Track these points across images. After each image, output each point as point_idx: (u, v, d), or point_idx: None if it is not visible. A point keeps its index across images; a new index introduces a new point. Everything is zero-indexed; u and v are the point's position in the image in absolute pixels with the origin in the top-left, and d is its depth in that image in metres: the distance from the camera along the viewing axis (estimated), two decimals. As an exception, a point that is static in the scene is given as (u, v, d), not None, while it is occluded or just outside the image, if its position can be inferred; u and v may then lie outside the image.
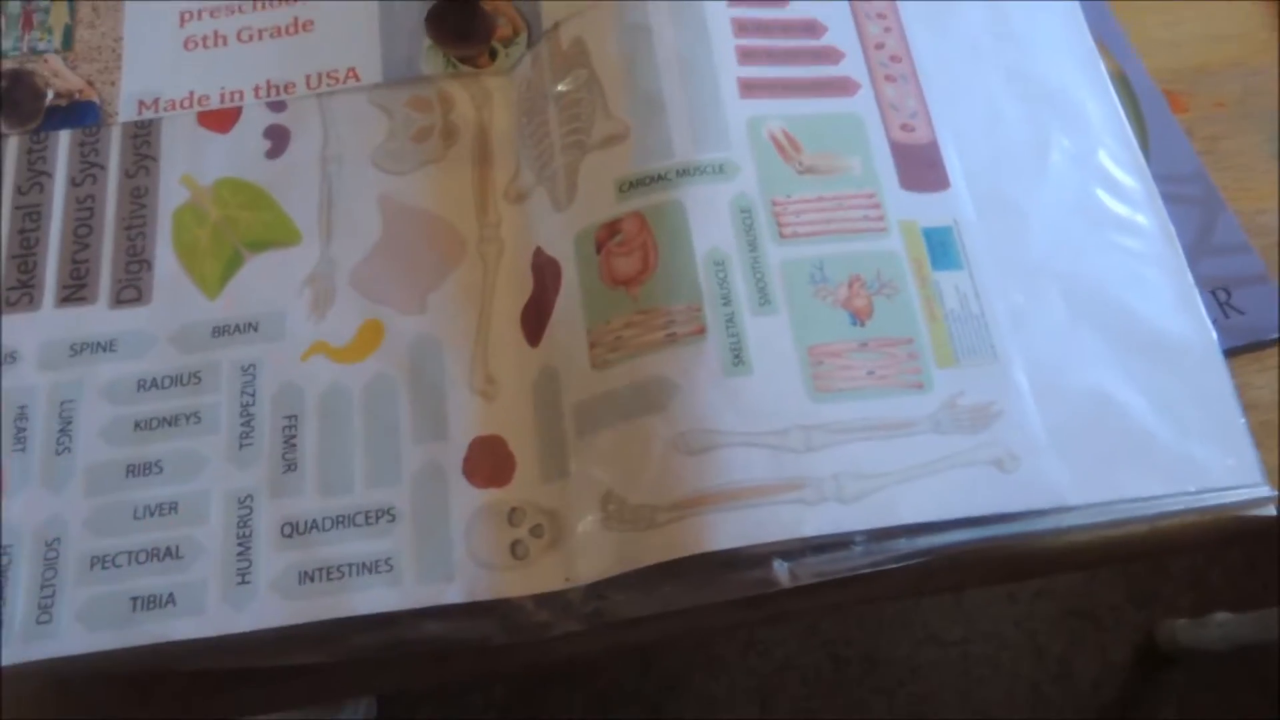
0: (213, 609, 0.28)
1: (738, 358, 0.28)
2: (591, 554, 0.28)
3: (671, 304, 0.29)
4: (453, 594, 0.28)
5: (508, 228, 0.33)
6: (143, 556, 0.29)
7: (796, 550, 0.27)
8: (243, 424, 0.30)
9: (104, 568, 0.29)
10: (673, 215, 0.29)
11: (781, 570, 0.26)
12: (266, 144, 0.34)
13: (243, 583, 0.28)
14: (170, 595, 0.28)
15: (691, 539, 0.26)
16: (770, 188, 0.30)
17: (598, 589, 0.28)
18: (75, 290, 0.32)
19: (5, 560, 0.29)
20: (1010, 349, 0.30)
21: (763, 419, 0.27)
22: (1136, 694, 1.00)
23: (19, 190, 0.33)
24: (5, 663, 0.27)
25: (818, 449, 0.27)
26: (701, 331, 0.28)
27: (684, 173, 0.30)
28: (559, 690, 0.97)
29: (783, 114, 0.31)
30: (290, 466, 0.30)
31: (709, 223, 0.29)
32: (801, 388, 0.28)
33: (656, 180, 0.30)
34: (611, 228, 0.30)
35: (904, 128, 0.32)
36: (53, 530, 0.29)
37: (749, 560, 0.26)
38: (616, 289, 0.29)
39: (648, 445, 0.27)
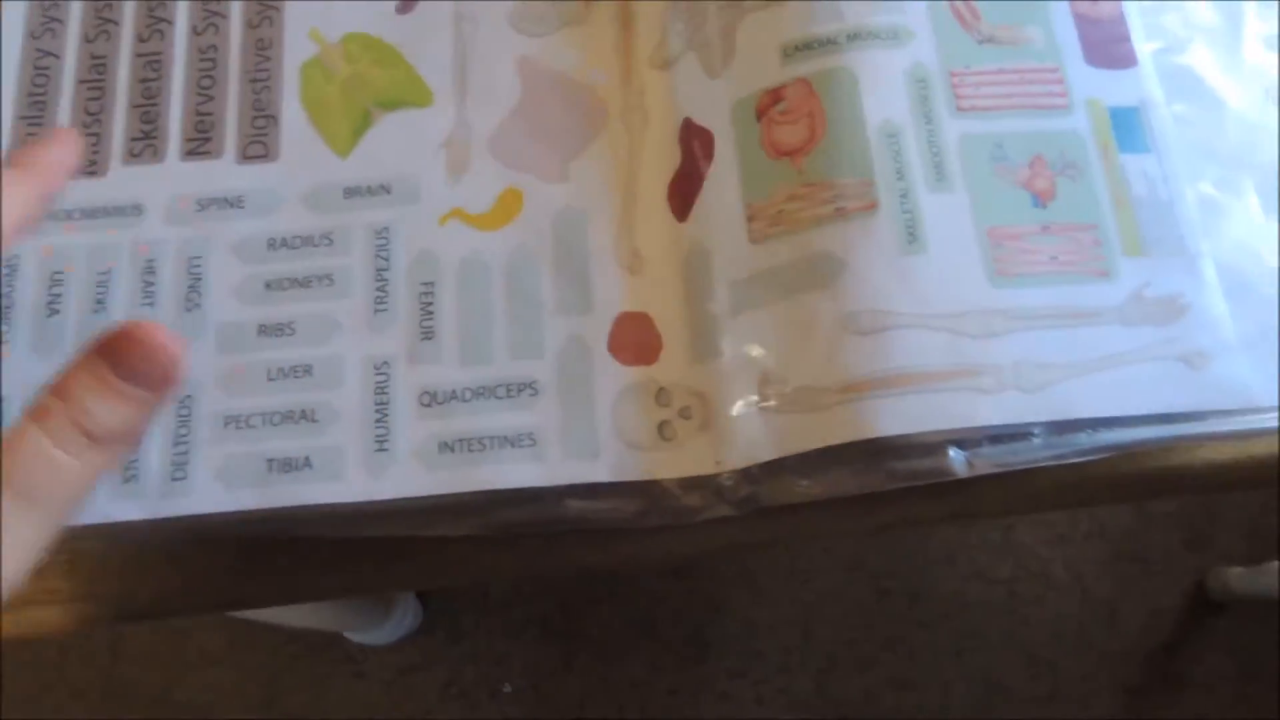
0: (351, 475, 0.27)
1: (912, 236, 0.26)
2: (747, 437, 0.26)
3: (840, 177, 0.27)
4: (599, 472, 0.27)
5: (652, 96, 0.31)
6: (277, 419, 0.28)
7: (971, 440, 0.25)
8: (377, 289, 0.29)
9: (238, 428, 0.28)
10: (843, 82, 0.27)
11: (958, 459, 0.25)
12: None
13: (381, 450, 0.27)
14: (306, 459, 0.27)
15: (862, 423, 0.25)
16: (948, 57, 0.28)
17: (752, 474, 0.26)
18: (200, 143, 0.31)
19: (138, 415, 0.28)
20: (1199, 241, 0.27)
21: (939, 301, 0.26)
22: (1185, 639, 0.99)
23: (139, 38, 0.32)
24: (140, 518, 0.27)
25: (997, 335, 0.26)
26: (873, 207, 0.26)
27: (855, 37, 0.28)
28: (601, 608, 0.97)
29: (963, -21, 0.29)
30: (428, 334, 0.28)
31: (882, 92, 0.27)
32: (980, 270, 0.26)
33: (825, 44, 0.28)
34: (775, 95, 0.28)
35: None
36: (185, 387, 0.28)
37: (921, 448, 0.25)
38: (779, 160, 0.28)
39: (813, 325, 0.26)
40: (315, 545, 0.29)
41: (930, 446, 0.25)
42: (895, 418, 0.24)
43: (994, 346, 0.25)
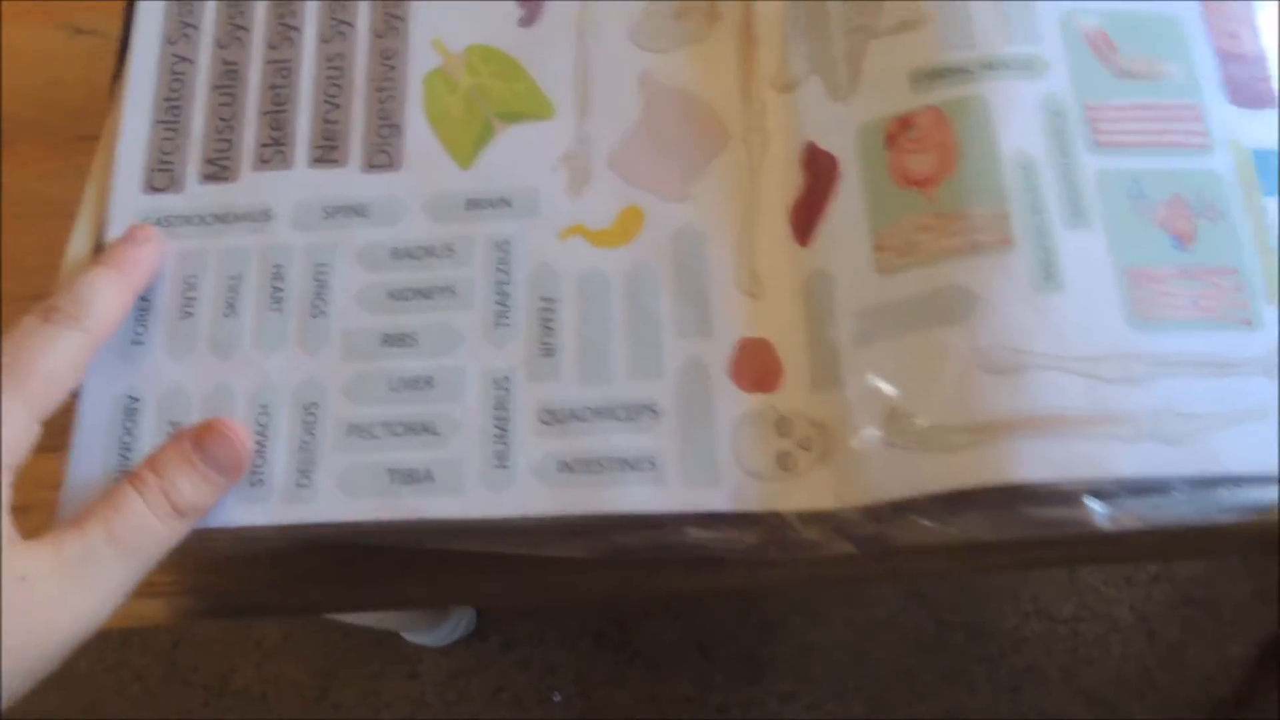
0: (471, 490, 0.27)
1: (1048, 273, 0.26)
2: (869, 474, 0.26)
3: (973, 208, 0.26)
4: (719, 500, 0.27)
5: (773, 117, 0.30)
6: (399, 429, 0.28)
7: (1109, 490, 0.24)
8: (498, 302, 0.29)
9: (361, 436, 0.28)
10: (976, 112, 0.27)
11: (1101, 512, 0.24)
12: (519, 11, 0.32)
13: (501, 466, 0.27)
14: (428, 471, 0.27)
15: (996, 467, 0.24)
16: (1084, 89, 0.27)
17: (877, 512, 0.26)
18: (327, 151, 0.31)
19: (265, 419, 0.28)
20: (1350, 290, 0.26)
21: (1076, 343, 0.25)
22: (1254, 691, 0.95)
23: (269, 44, 0.32)
24: (265, 523, 0.27)
25: (1136, 381, 0.25)
26: (1008, 241, 0.26)
27: (988, 66, 0.27)
28: (654, 622, 0.97)
29: (1098, 9, 0.28)
30: (548, 351, 0.28)
31: (1016, 123, 0.27)
32: (1119, 312, 0.25)
33: (957, 73, 0.27)
34: (904, 122, 0.28)
35: (1230, 35, 0.29)
36: (310, 393, 0.28)
37: (1058, 496, 0.24)
38: (909, 189, 0.27)
39: (942, 360, 0.25)
40: (412, 554, 0.29)
41: (1066, 495, 0.24)
42: (1034, 463, 0.24)
43: (1133, 393, 0.25)
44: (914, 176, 0.27)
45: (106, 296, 0.27)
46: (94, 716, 0.93)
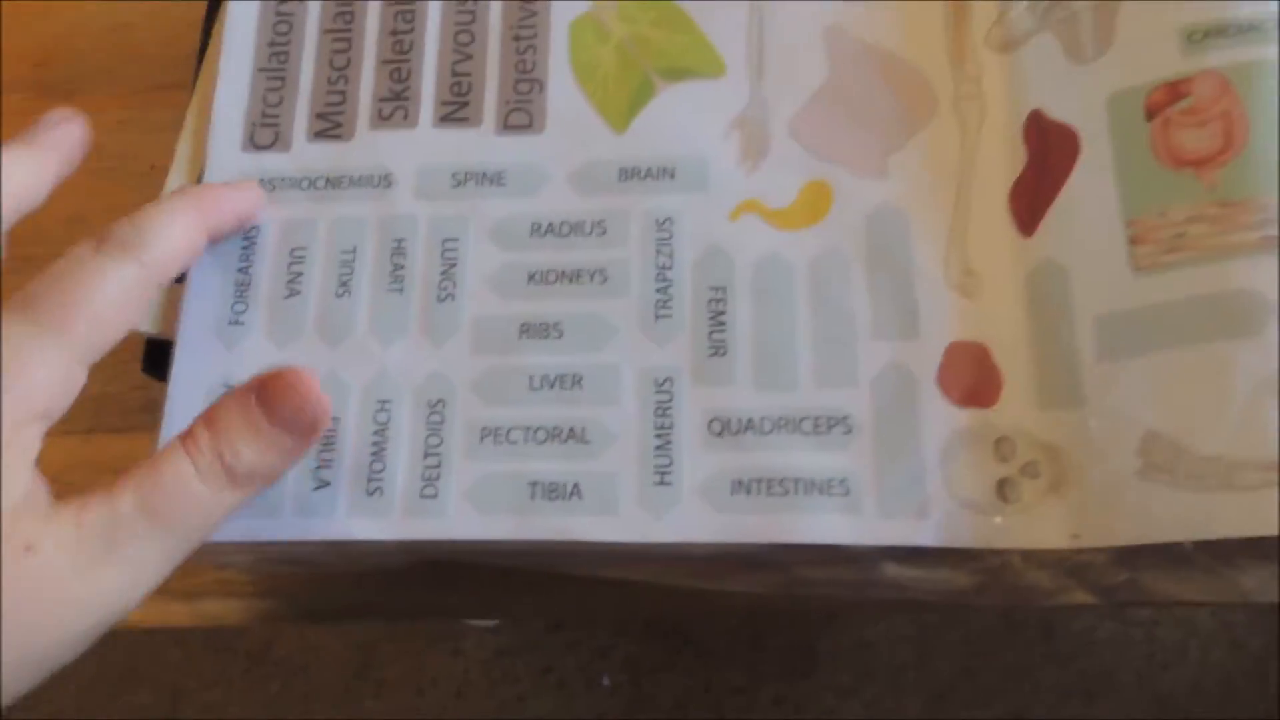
0: (627, 510, 0.23)
1: (1364, 279, 0.21)
2: (1119, 510, 0.21)
3: (1269, 196, 0.21)
4: (925, 534, 0.22)
5: (990, 82, 0.26)
6: (542, 435, 0.24)
7: None
8: (659, 290, 0.25)
9: (496, 442, 0.24)
10: (1273, 79, 0.22)
11: None
12: (685, -49, 0.27)
13: (661, 483, 0.23)
14: (575, 486, 0.23)
15: (1298, 513, 0.19)
16: (1402, 54, 0.22)
17: (1126, 556, 0.21)
18: (456, 109, 0.27)
19: (384, 417, 0.24)
20: None
21: (1401, 366, 0.20)
22: (1344, 707, 0.91)
23: (391, -17, 0.28)
24: (384, 538, 0.23)
25: None
26: (1313, 238, 0.21)
27: (1287, 23, 0.22)
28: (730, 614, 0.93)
29: None
30: (718, 349, 0.24)
31: (1322, 93, 0.22)
32: None
33: (1247, 30, 0.22)
34: (1174, 89, 0.23)
35: None
36: (436, 390, 0.24)
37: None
38: (1179, 171, 0.22)
39: (1228, 381, 0.21)
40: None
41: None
42: (1352, 511, 0.19)
43: None
44: (1186, 156, 0.22)
45: (173, 231, 0.23)
46: (129, 678, 0.91)
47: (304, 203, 0.26)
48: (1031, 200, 0.24)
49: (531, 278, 0.25)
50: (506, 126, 0.26)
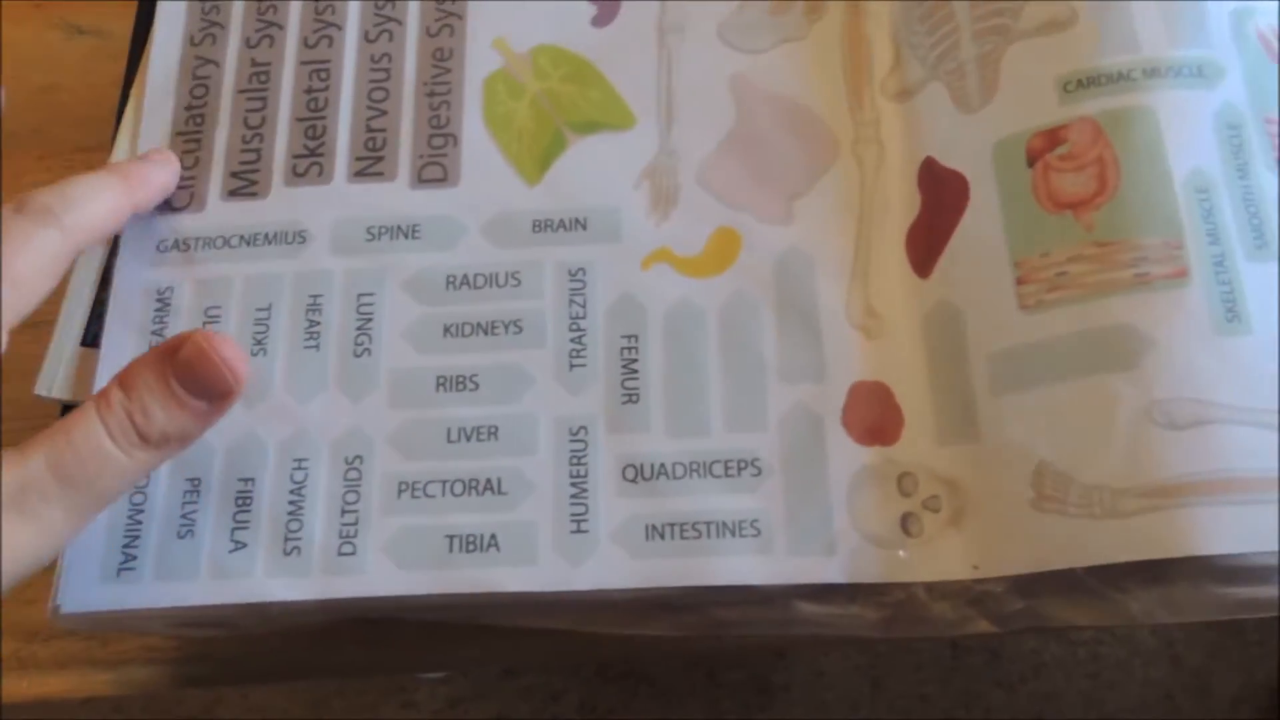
0: (544, 559, 0.23)
1: (1232, 312, 0.22)
2: (1015, 540, 0.22)
3: (1141, 236, 0.23)
4: (834, 571, 0.23)
5: (887, 128, 0.27)
6: (459, 487, 0.24)
7: (1313, 565, 0.21)
8: (572, 339, 0.25)
9: (414, 496, 0.24)
10: (1142, 125, 0.23)
11: (1302, 590, 0.20)
12: (592, 9, 0.28)
13: (578, 531, 0.23)
14: (493, 537, 0.23)
15: (1180, 537, 0.20)
16: (1261, 101, 0.24)
17: (1023, 585, 0.22)
18: (371, 163, 0.27)
19: (301, 475, 0.24)
20: None
21: (1268, 393, 0.21)
22: (1282, 717, 0.93)
23: (305, 43, 0.28)
24: (303, 598, 0.23)
25: (1341, 437, 0.21)
26: (1183, 274, 0.22)
27: (1154, 73, 0.24)
28: (661, 646, 0.93)
29: (1273, 9, 0.25)
30: (631, 397, 0.24)
31: (1188, 138, 0.23)
32: (1316, 357, 0.22)
33: (1118, 79, 0.24)
34: (1052, 136, 0.24)
35: None
36: (354, 445, 0.24)
37: (1253, 573, 0.21)
38: (1059, 213, 0.23)
39: (1108, 412, 0.22)
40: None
41: (1266, 571, 0.21)
42: (1227, 532, 0.20)
43: (1339, 451, 0.21)
44: (1065, 199, 0.23)
45: (98, 199, 0.23)
46: (75, 754, 0.88)
47: (219, 262, 0.26)
48: (926, 243, 0.25)
49: (447, 330, 0.25)
50: (421, 180, 0.27)
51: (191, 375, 0.21)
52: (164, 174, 0.26)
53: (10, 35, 0.36)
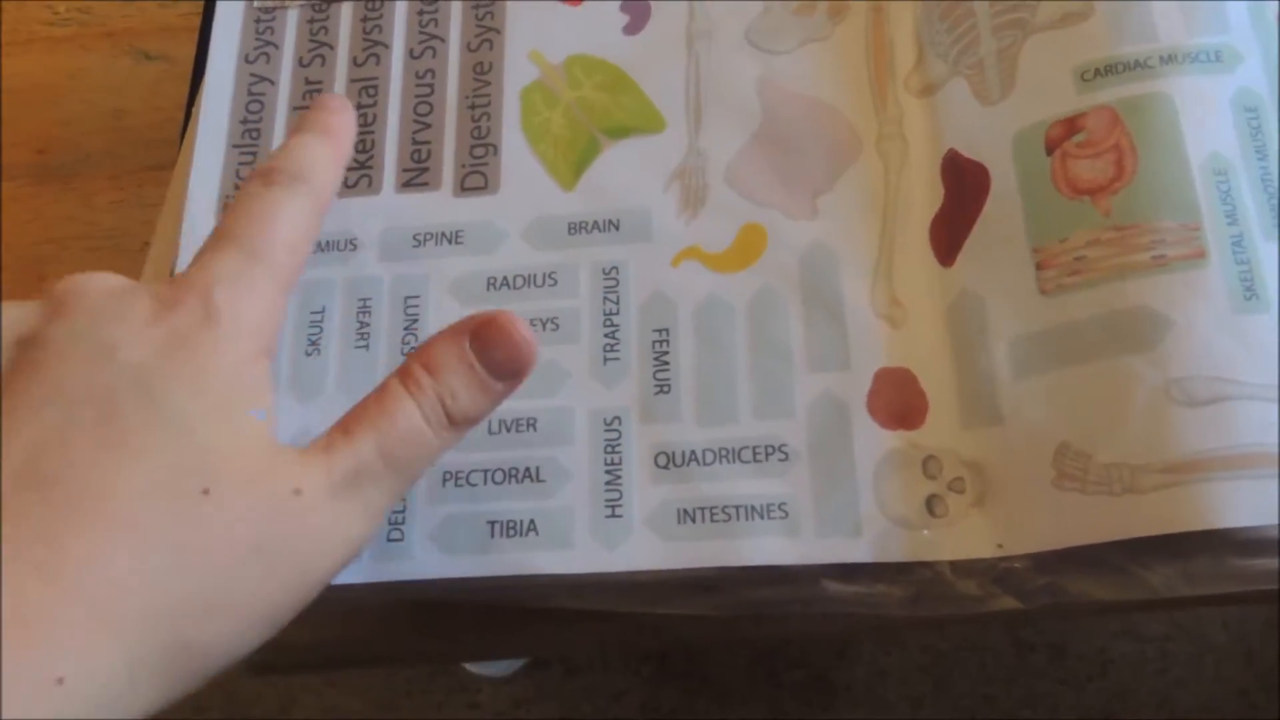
0: (580, 543, 0.24)
1: (1250, 291, 0.22)
2: (1037, 518, 0.23)
3: (1159, 220, 0.23)
4: (860, 551, 0.24)
5: (910, 124, 0.27)
6: (499, 476, 0.25)
7: (1333, 538, 0.21)
8: (606, 335, 0.26)
9: (458, 485, 0.25)
10: (1159, 111, 0.24)
11: (1323, 563, 0.21)
12: (624, 18, 0.30)
13: (613, 516, 0.25)
14: (532, 523, 0.25)
15: (1198, 511, 0.21)
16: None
17: (1045, 562, 0.23)
18: (417, 174, 0.29)
19: (354, 466, 0.26)
20: None
21: (1288, 370, 0.22)
22: (1365, 715, 0.90)
23: (354, 62, 0.30)
24: (354, 581, 0.24)
25: (1361, 413, 0.21)
26: (1202, 255, 0.23)
27: (1171, 60, 0.24)
28: (722, 647, 0.93)
29: (1292, -9, 0.25)
30: (663, 388, 0.26)
31: (1205, 122, 0.23)
32: (1335, 334, 0.22)
33: (1134, 68, 0.24)
34: (1070, 125, 0.24)
35: None
36: None
37: (1271, 545, 0.21)
38: (1077, 199, 0.24)
39: (1127, 392, 0.22)
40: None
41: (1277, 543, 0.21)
42: (1245, 506, 0.21)
43: (1359, 426, 0.21)
44: (1083, 185, 0.24)
45: (324, 159, 0.24)
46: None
47: (277, 269, 0.28)
48: (950, 234, 0.26)
49: None
50: (464, 189, 0.28)
51: (492, 355, 0.22)
52: (350, 122, 0.26)
53: (84, 62, 0.39)
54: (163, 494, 0.19)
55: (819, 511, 0.24)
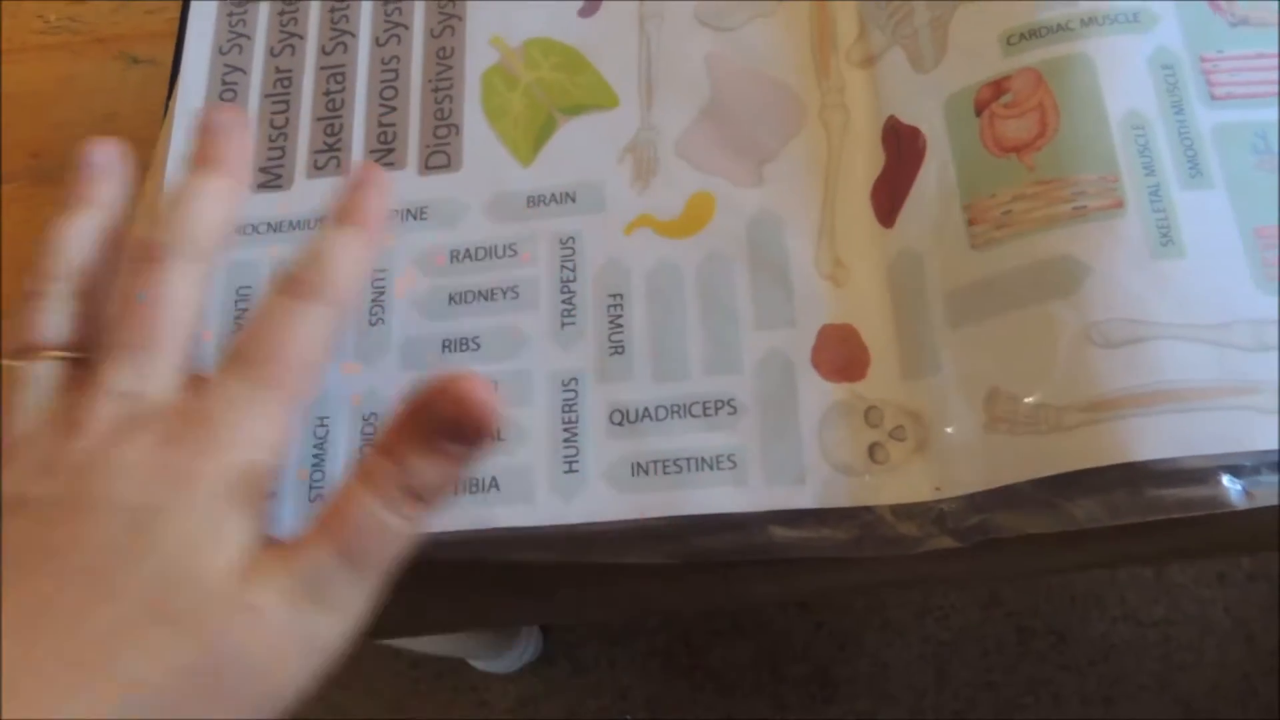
0: (540, 498, 0.26)
1: (1166, 237, 0.23)
2: (971, 460, 0.24)
3: (1079, 173, 0.24)
4: (804, 498, 0.25)
5: (852, 93, 0.29)
6: None
7: (1246, 468, 0.22)
8: (563, 301, 0.27)
9: None
10: (1078, 70, 0.25)
11: (1234, 489, 0.22)
12: (579, 3, 0.31)
13: (570, 471, 0.26)
14: (494, 480, 0.26)
15: (1117, 445, 0.22)
16: (1197, 41, 0.25)
17: (978, 501, 0.24)
18: (383, 155, 0.30)
19: (323, 432, 0.27)
20: None
21: (1201, 309, 0.23)
22: (1368, 695, 0.90)
23: (323, 50, 0.31)
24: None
25: (1271, 347, 0.22)
26: (1119, 205, 0.24)
27: (1090, 21, 0.25)
28: (725, 642, 0.94)
29: (1207, -46, 0.26)
30: (617, 349, 0.27)
31: (1123, 80, 0.25)
32: (1247, 275, 0.23)
33: (1056, 31, 0.25)
34: (997, 87, 0.26)
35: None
36: (369, 404, 0.27)
37: (1189, 475, 0.22)
38: (1004, 157, 0.25)
39: (1051, 336, 0.23)
40: (479, 573, 0.27)
41: (1199, 473, 0.22)
42: (1161, 439, 0.22)
43: (1269, 361, 0.22)
44: (1010, 143, 0.25)
45: (352, 266, 0.23)
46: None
47: (250, 247, 0.29)
48: (890, 197, 0.27)
49: (452, 298, 0.28)
50: (428, 167, 0.30)
51: (446, 422, 0.21)
52: (385, 201, 0.25)
53: (75, 68, 0.41)
54: (125, 629, 0.19)
55: (766, 461, 0.25)
